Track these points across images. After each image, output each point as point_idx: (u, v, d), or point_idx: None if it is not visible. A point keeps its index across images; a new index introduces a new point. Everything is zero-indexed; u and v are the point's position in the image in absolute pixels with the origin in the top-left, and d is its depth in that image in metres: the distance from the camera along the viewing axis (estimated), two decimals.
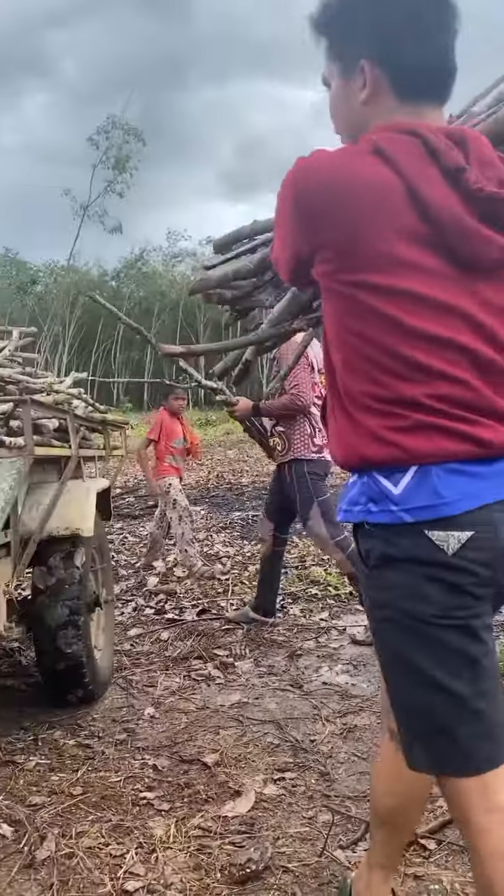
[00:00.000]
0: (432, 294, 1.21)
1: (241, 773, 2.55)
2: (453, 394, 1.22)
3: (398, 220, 1.20)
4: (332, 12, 1.35)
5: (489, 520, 1.22)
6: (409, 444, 1.22)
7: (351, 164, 1.23)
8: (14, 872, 1.98)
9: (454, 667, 1.23)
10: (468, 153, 1.24)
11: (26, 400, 2.48)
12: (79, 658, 2.97)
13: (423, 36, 1.29)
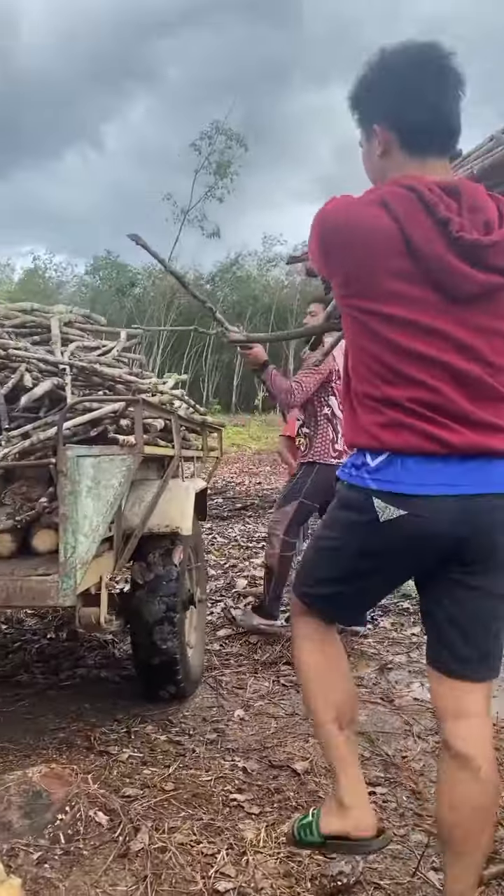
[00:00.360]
0: (419, 319, 1.52)
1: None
2: (427, 398, 1.52)
3: (394, 261, 1.51)
4: (358, 91, 1.69)
5: (425, 508, 1.53)
6: (383, 437, 1.56)
7: (361, 213, 1.55)
8: (109, 861, 2.02)
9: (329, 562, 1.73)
10: (461, 201, 1.53)
11: (138, 400, 2.54)
12: (173, 654, 3.02)
13: (425, 104, 1.59)
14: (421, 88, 1.60)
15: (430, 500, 1.53)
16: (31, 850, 2.01)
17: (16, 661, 3.85)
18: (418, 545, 1.58)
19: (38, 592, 2.32)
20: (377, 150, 1.67)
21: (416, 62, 1.62)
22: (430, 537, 1.56)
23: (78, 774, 2.36)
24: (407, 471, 1.54)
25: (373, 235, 1.52)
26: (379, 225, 1.51)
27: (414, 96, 1.60)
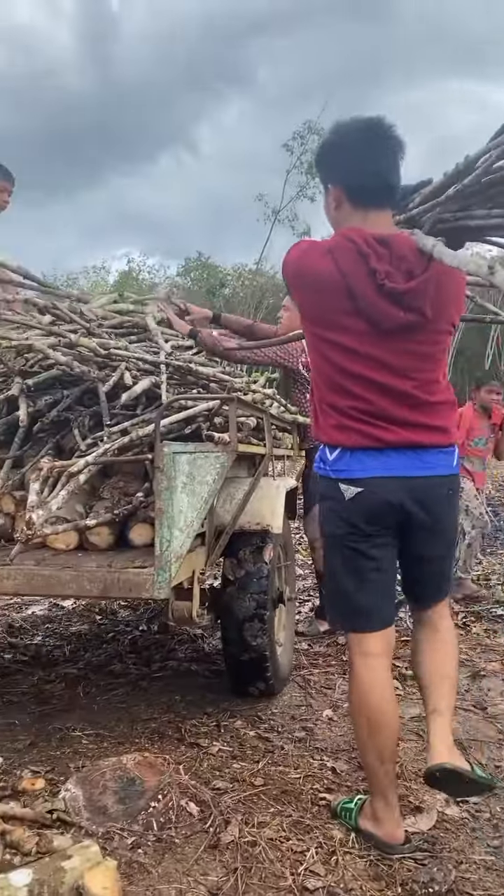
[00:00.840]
0: (357, 347, 1.99)
1: (422, 788, 2.48)
2: (364, 407, 2.03)
3: (338, 300, 1.97)
4: (318, 156, 2.15)
5: (373, 484, 2.04)
6: (336, 436, 2.08)
7: (315, 263, 2.01)
8: (200, 851, 2.06)
9: (347, 570, 2.12)
10: (391, 251, 1.94)
11: (233, 398, 2.57)
12: (262, 651, 3.04)
13: (365, 166, 2.00)
14: (362, 156, 2.00)
15: (374, 480, 2.04)
16: (125, 835, 2.07)
17: (110, 651, 3.96)
18: (376, 514, 2.06)
19: (135, 584, 2.38)
20: (332, 203, 2.10)
21: (361, 135, 2.03)
22: (384, 506, 2.06)
23: (170, 764, 2.41)
24: (355, 460, 2.06)
25: (323, 280, 1.98)
26: (328, 272, 1.97)
27: (356, 162, 2.02)
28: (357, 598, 2.11)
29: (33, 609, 4.81)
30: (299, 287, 2.08)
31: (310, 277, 2.02)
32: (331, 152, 2.11)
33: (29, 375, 3.00)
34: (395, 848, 2.09)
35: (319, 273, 1.98)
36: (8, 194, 4.35)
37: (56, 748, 2.71)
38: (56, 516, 2.62)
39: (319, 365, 2.10)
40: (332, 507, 2.13)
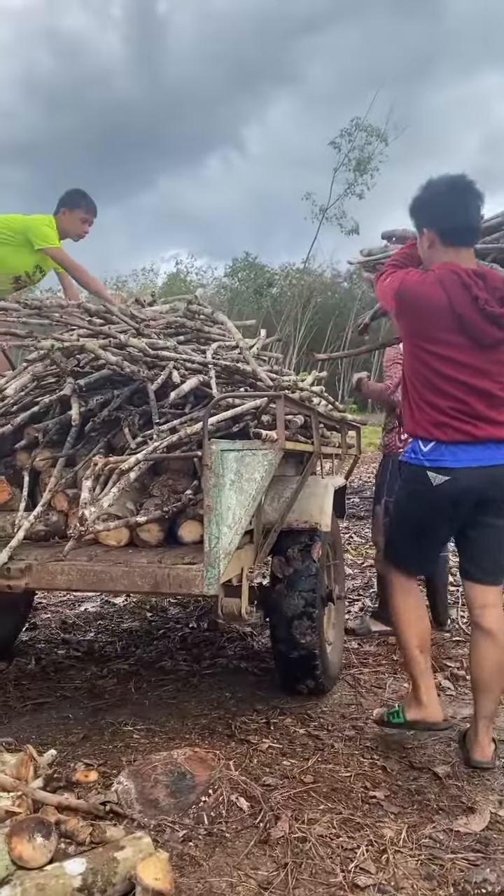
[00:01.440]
0: (456, 357, 2.50)
1: (475, 789, 2.46)
2: (459, 407, 2.51)
3: (446, 320, 2.49)
4: (414, 206, 2.66)
5: (461, 475, 2.51)
6: (433, 432, 2.55)
7: (428, 289, 2.53)
8: (251, 845, 2.07)
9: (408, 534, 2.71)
10: (486, 282, 2.50)
11: (280, 396, 2.57)
12: (312, 649, 3.04)
13: (455, 214, 2.57)
14: (454, 204, 2.57)
15: (462, 469, 2.51)
16: (176, 828, 2.10)
17: (160, 647, 4.01)
18: (458, 499, 2.56)
19: (184, 580, 2.41)
20: (426, 243, 2.64)
21: (449, 187, 2.59)
22: (465, 492, 2.54)
23: (220, 760, 2.43)
24: (448, 452, 2.52)
25: (435, 304, 2.50)
26: (438, 298, 2.50)
27: (450, 209, 2.58)
28: (417, 556, 2.78)
29: (86, 606, 4.89)
30: (413, 308, 2.57)
31: (423, 302, 2.52)
32: (426, 203, 2.64)
33: (81, 376, 3.05)
34: (440, 726, 2.71)
35: (432, 298, 2.50)
36: (89, 225, 4.54)
37: (108, 742, 2.76)
38: (108, 513, 2.67)
39: (420, 371, 2.58)
40: (415, 490, 2.63)
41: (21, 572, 2.53)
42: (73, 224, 4.51)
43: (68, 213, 4.49)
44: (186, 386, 2.68)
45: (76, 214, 4.50)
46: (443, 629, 4.23)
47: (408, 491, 2.68)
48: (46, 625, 4.45)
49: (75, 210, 4.50)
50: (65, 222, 4.48)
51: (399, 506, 2.78)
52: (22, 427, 3.05)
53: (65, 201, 4.50)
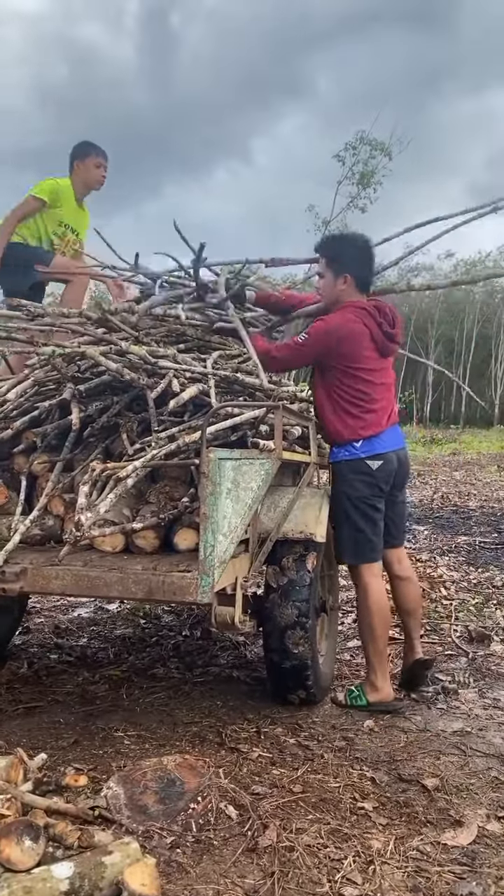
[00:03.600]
0: (374, 367, 3.29)
1: (463, 802, 2.46)
2: (379, 406, 3.30)
3: (368, 342, 3.26)
4: (332, 254, 3.41)
5: (388, 458, 3.28)
6: (362, 433, 3.27)
7: (352, 322, 3.25)
8: (238, 853, 2.08)
9: (364, 520, 3.28)
10: (382, 312, 3.31)
11: (279, 406, 2.60)
12: (304, 660, 3.05)
13: (368, 267, 3.44)
14: (366, 260, 3.42)
15: (387, 454, 3.28)
16: (164, 835, 2.10)
17: (153, 654, 4.01)
18: (387, 477, 3.29)
19: (179, 588, 2.42)
20: (342, 285, 3.36)
21: (363, 246, 3.42)
22: (390, 471, 3.30)
23: (210, 767, 2.44)
24: (377, 442, 3.27)
25: (359, 333, 3.24)
26: (360, 327, 3.24)
27: (364, 264, 3.41)
28: (371, 539, 3.29)
29: (79, 611, 4.90)
30: (342, 340, 3.22)
31: (352, 333, 3.23)
32: (345, 255, 3.37)
33: (81, 381, 3.07)
34: (394, 704, 3.26)
35: (357, 329, 3.24)
36: (105, 169, 4.56)
37: (99, 747, 2.76)
38: (104, 519, 2.68)
39: (350, 386, 3.26)
40: (360, 479, 3.26)
41: (16, 576, 2.54)
42: (89, 173, 4.51)
43: (81, 165, 4.50)
44: (186, 394, 2.70)
45: (89, 162, 4.50)
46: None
47: (355, 482, 3.26)
48: (40, 629, 4.45)
49: (87, 159, 4.50)
50: (81, 174, 4.50)
51: (349, 501, 3.28)
52: (20, 431, 3.07)
53: (74, 154, 4.51)
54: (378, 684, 3.25)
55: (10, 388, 2.93)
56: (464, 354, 50.95)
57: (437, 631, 4.49)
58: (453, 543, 7.37)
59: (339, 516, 3.33)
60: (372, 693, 3.25)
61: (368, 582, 3.28)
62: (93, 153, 4.52)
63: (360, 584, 3.32)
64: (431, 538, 7.68)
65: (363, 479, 3.25)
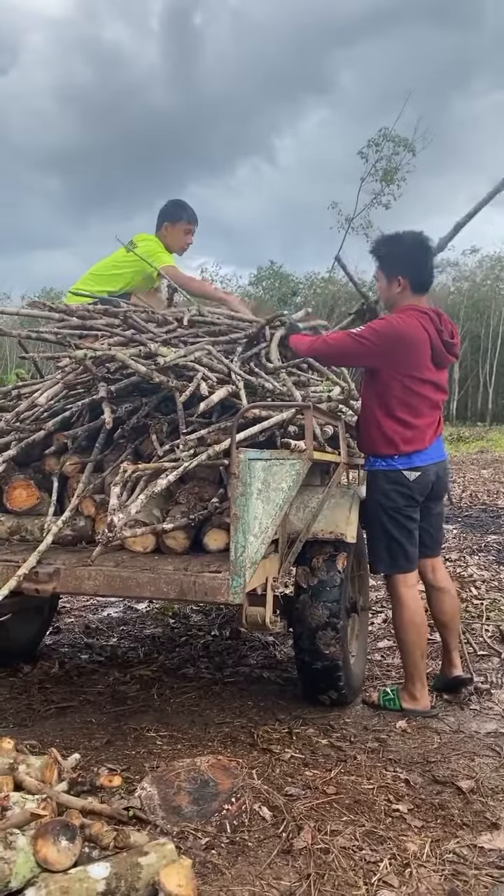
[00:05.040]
0: (430, 378, 3.17)
1: (499, 805, 2.43)
2: (427, 421, 3.21)
3: (425, 351, 3.14)
4: (384, 257, 3.30)
5: (426, 470, 3.19)
6: (404, 447, 3.18)
7: (415, 328, 3.12)
8: (273, 855, 2.07)
9: (399, 529, 3.20)
10: (441, 319, 3.19)
11: (309, 406, 2.58)
12: (335, 660, 3.03)
13: (424, 268, 3.28)
14: (422, 261, 3.27)
15: (426, 466, 3.18)
16: (199, 836, 2.10)
17: (183, 654, 4.02)
18: (423, 488, 3.20)
19: (210, 589, 2.42)
20: (397, 288, 3.26)
21: (418, 246, 3.26)
22: (428, 482, 3.20)
23: (243, 768, 2.43)
24: (416, 456, 3.17)
25: (420, 338, 3.12)
26: (422, 335, 3.13)
27: (419, 265, 3.26)
28: (406, 549, 3.21)
29: (109, 611, 4.92)
30: (400, 342, 3.09)
31: (410, 338, 3.10)
32: (399, 257, 3.25)
33: (111, 382, 3.08)
34: (429, 712, 3.18)
35: (416, 334, 3.10)
36: (192, 235, 4.41)
37: (131, 747, 2.77)
38: (134, 520, 2.69)
39: (397, 396, 3.14)
40: (396, 490, 3.18)
41: (49, 576, 2.56)
42: (177, 237, 4.34)
43: (171, 228, 4.32)
44: (215, 397, 2.70)
45: (179, 227, 4.33)
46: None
47: (391, 492, 3.19)
48: (70, 629, 4.48)
49: (178, 223, 4.32)
50: (168, 237, 4.31)
51: (384, 511, 3.21)
52: (51, 434, 3.09)
53: (167, 214, 4.33)
54: (417, 694, 3.20)
55: (41, 392, 2.95)
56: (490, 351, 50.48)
57: (469, 631, 4.44)
58: (483, 542, 7.29)
59: (373, 526, 3.27)
60: (409, 702, 3.21)
61: (403, 594, 3.21)
62: (185, 218, 4.34)
63: (394, 596, 3.25)
64: (461, 537, 7.60)
65: (399, 489, 3.17)
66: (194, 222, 4.40)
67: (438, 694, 3.43)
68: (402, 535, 3.20)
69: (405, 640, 3.22)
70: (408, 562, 3.22)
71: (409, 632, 3.20)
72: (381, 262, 3.30)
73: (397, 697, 3.23)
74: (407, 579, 3.23)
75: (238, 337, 3.36)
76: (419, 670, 3.21)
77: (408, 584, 3.22)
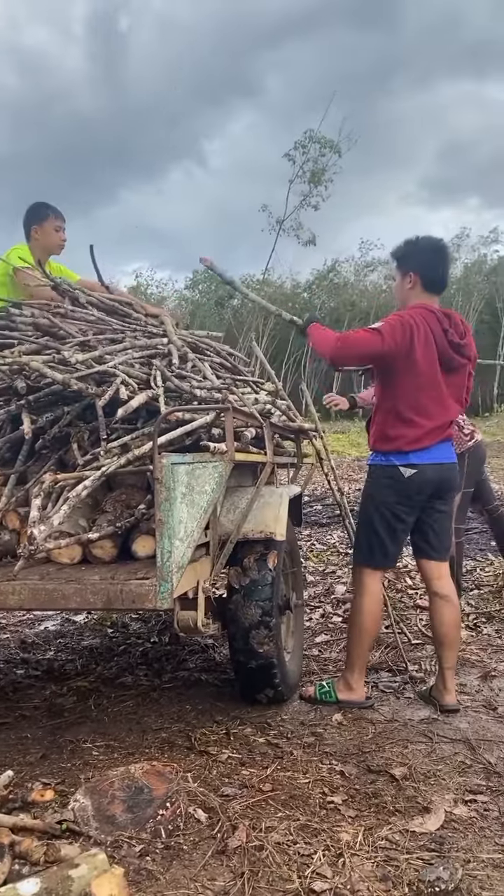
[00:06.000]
0: (434, 378, 3.14)
1: (430, 789, 2.50)
2: (436, 423, 3.16)
3: (429, 349, 3.10)
4: (401, 255, 3.31)
5: (423, 469, 3.14)
6: (406, 447, 3.16)
7: (419, 320, 3.09)
8: (208, 856, 2.08)
9: (384, 526, 3.21)
10: (451, 320, 3.17)
11: (229, 408, 2.60)
12: (270, 658, 3.06)
13: (438, 269, 3.28)
14: (437, 261, 3.28)
15: (423, 465, 3.14)
16: (133, 843, 2.10)
17: (121, 663, 3.99)
18: (420, 487, 3.16)
19: (137, 596, 2.41)
20: (408, 285, 3.26)
21: (436, 248, 3.29)
22: (426, 483, 3.16)
23: (178, 773, 2.43)
24: (414, 455, 3.14)
25: (422, 336, 3.08)
26: (425, 331, 3.09)
27: (435, 264, 3.27)
28: (385, 546, 3.22)
29: (46, 624, 4.85)
30: (409, 338, 3.06)
31: (415, 332, 3.07)
32: (414, 255, 3.27)
33: (31, 391, 3.04)
34: (365, 703, 3.25)
35: (421, 329, 3.08)
36: (63, 231, 4.26)
37: (67, 760, 2.74)
38: (59, 531, 2.66)
39: (402, 392, 3.14)
40: (390, 485, 3.18)
41: None
42: (49, 236, 4.21)
43: (40, 229, 4.20)
44: (134, 402, 2.69)
45: (48, 226, 4.20)
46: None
47: (385, 486, 3.20)
48: (5, 644, 4.40)
49: (45, 222, 4.20)
50: (41, 240, 4.19)
51: (373, 504, 3.24)
52: None
53: (32, 218, 4.22)
54: (353, 684, 3.25)
55: None
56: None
57: (404, 620, 4.53)
58: None
59: (361, 515, 3.33)
60: (344, 692, 3.25)
61: (367, 583, 3.25)
62: (51, 215, 4.21)
63: (358, 583, 3.29)
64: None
65: (392, 484, 3.16)
66: (60, 218, 4.27)
67: (374, 684, 3.50)
68: (385, 532, 3.20)
69: (358, 624, 3.25)
70: (384, 558, 3.25)
71: (364, 618, 3.23)
72: (398, 261, 3.32)
73: (333, 690, 3.27)
74: (376, 573, 3.27)
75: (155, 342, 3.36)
76: (361, 659, 3.27)
77: (375, 578, 3.27)
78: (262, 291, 43.40)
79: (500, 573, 5.62)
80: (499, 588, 5.26)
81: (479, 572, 5.89)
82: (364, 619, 3.24)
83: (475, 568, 6.05)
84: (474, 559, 6.44)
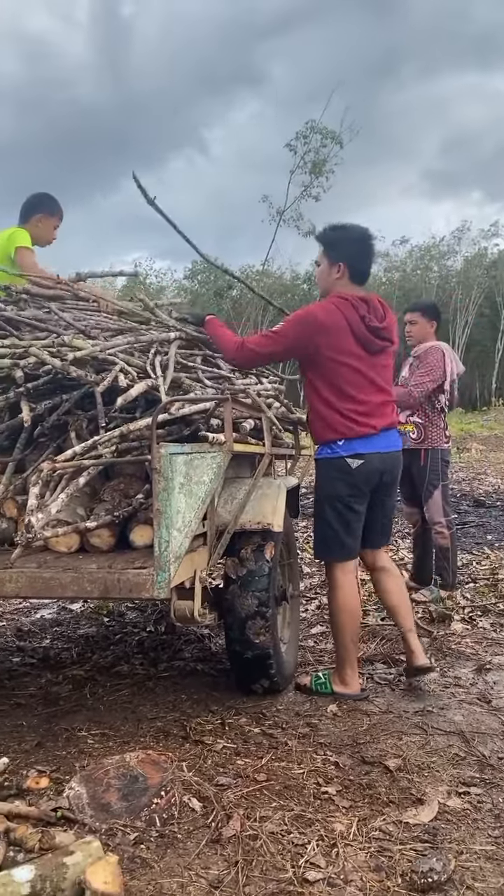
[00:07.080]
0: (358, 365, 3.17)
1: (424, 781, 2.51)
2: (364, 409, 3.19)
3: (346, 335, 3.14)
4: (329, 241, 3.33)
5: (370, 458, 3.18)
6: (347, 433, 3.18)
7: (331, 312, 3.14)
8: (202, 845, 2.09)
9: (338, 519, 3.24)
10: (369, 304, 3.21)
11: (228, 399, 2.60)
12: (266, 649, 3.07)
13: (366, 260, 3.36)
14: (364, 253, 3.34)
15: (370, 454, 3.18)
16: (128, 831, 2.10)
17: (117, 652, 4.00)
18: (368, 477, 3.21)
19: (135, 585, 2.42)
20: (336, 274, 3.28)
21: (362, 238, 3.32)
22: (373, 472, 3.20)
23: (173, 762, 2.44)
24: (359, 443, 3.17)
25: (337, 324, 3.13)
26: (337, 318, 3.13)
27: (362, 256, 3.33)
28: (342, 539, 3.26)
29: (42, 613, 4.86)
30: (324, 331, 3.11)
31: (331, 323, 3.12)
32: (342, 244, 3.29)
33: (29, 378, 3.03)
34: (360, 695, 3.25)
35: (334, 320, 3.12)
36: (56, 228, 4.26)
37: (62, 748, 2.75)
38: (57, 519, 2.66)
39: (332, 382, 3.17)
40: (339, 477, 3.20)
41: None
42: (48, 230, 4.20)
43: (44, 220, 4.16)
44: (134, 391, 2.68)
45: (52, 221, 4.20)
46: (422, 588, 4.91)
47: (335, 479, 3.22)
48: (1, 633, 4.41)
49: (52, 217, 4.19)
50: (40, 229, 4.15)
51: (326, 498, 3.26)
52: None
53: (41, 206, 4.17)
54: (347, 679, 3.27)
55: None
56: None
57: None
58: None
59: (315, 511, 3.34)
60: (340, 686, 3.27)
61: (339, 578, 3.27)
62: (59, 213, 4.22)
63: (330, 579, 3.31)
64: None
65: (342, 477, 3.19)
66: (61, 219, 4.29)
67: (370, 676, 3.51)
68: (339, 525, 3.23)
69: (337, 622, 3.27)
70: (342, 551, 3.26)
71: (341, 614, 3.24)
72: (326, 247, 3.31)
73: (329, 681, 3.29)
74: (345, 566, 3.28)
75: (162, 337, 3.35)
76: (350, 655, 3.27)
77: (345, 571, 3.27)
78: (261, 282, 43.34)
79: (496, 566, 5.63)
80: (494, 581, 5.27)
81: (474, 565, 5.90)
82: (341, 616, 3.25)
83: (471, 561, 6.07)
84: (470, 553, 6.45)
